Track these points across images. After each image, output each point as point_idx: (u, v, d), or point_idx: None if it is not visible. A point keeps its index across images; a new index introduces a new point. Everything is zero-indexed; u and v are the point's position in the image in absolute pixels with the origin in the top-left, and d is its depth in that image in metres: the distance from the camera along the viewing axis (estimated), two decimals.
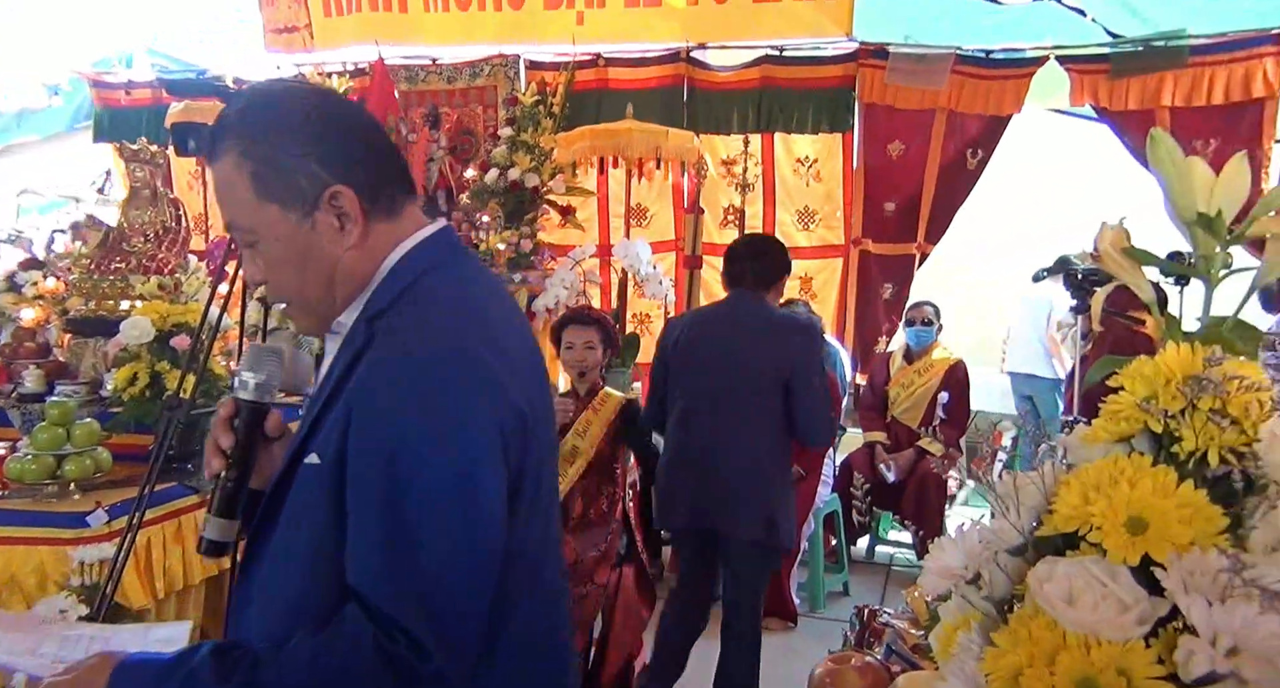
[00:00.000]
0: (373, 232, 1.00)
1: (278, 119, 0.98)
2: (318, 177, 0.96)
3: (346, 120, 1.01)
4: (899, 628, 1.00)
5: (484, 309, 1.03)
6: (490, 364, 0.95)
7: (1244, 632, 0.62)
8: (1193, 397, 0.70)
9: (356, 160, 0.98)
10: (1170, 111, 4.46)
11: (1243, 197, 0.75)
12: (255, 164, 0.96)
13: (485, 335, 0.98)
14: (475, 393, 0.93)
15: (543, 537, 1.06)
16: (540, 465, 1.02)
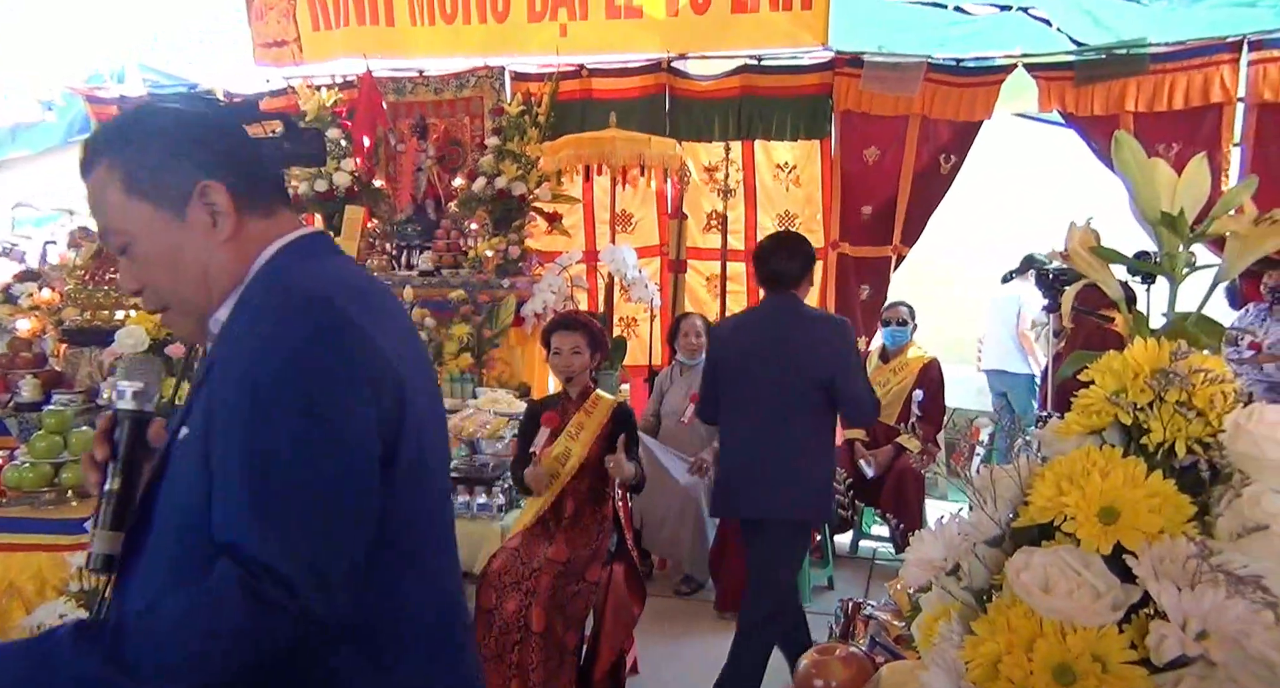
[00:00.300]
0: (246, 228, 1.01)
1: (147, 125, 1.00)
2: (188, 172, 0.97)
3: (218, 125, 1.03)
4: (882, 620, 1.02)
5: (353, 282, 1.03)
6: (355, 317, 0.95)
7: (1213, 616, 0.65)
8: (1160, 390, 0.73)
9: (227, 158, 1.00)
10: (1134, 116, 4.58)
11: (1204, 196, 0.78)
12: (126, 166, 0.97)
13: (353, 297, 0.97)
14: (338, 340, 0.92)
15: (427, 519, 1.05)
16: (419, 435, 1.00)
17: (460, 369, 4.62)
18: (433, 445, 1.06)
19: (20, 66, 6.12)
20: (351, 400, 0.92)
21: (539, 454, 3.02)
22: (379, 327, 0.97)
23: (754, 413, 2.90)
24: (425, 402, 1.04)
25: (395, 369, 0.96)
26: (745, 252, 5.49)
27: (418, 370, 1.04)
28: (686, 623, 3.82)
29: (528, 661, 2.71)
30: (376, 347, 0.95)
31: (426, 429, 1.03)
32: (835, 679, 0.87)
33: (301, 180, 5.38)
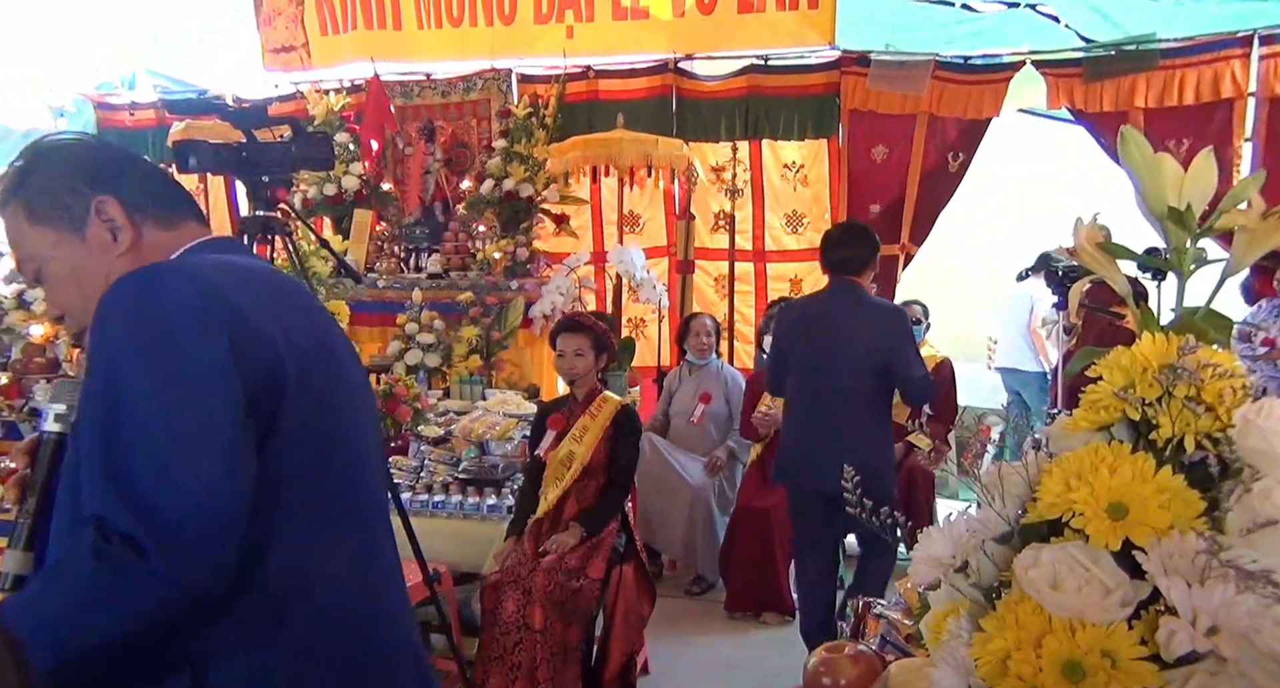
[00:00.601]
0: (146, 240, 1.03)
1: (46, 158, 1.05)
2: (83, 192, 1.01)
3: (114, 150, 1.09)
4: (892, 619, 1.01)
5: (246, 268, 1.03)
6: (210, 277, 0.95)
7: (1222, 611, 0.64)
8: (1168, 385, 0.73)
9: (122, 175, 1.04)
10: (1143, 113, 4.56)
11: (1210, 190, 0.78)
12: (28, 196, 1.02)
13: (236, 276, 0.98)
14: (191, 303, 0.92)
15: (340, 502, 1.02)
16: (322, 415, 0.99)
17: (469, 371, 4.63)
18: (350, 432, 1.05)
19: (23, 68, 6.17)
20: (199, 352, 0.90)
21: (545, 456, 3.03)
22: (264, 305, 0.97)
23: (813, 392, 3.11)
24: (336, 389, 1.04)
25: (271, 342, 0.94)
26: (753, 252, 5.48)
27: (323, 359, 1.03)
28: (696, 623, 3.82)
29: (530, 660, 2.71)
30: (241, 315, 0.93)
31: (336, 413, 1.02)
32: (844, 677, 0.86)
33: (310, 184, 5.41)
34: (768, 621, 3.81)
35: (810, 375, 3.11)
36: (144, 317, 0.90)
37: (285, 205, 2.15)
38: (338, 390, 1.05)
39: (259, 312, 0.95)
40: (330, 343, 1.08)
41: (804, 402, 3.13)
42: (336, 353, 1.09)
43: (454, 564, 3.09)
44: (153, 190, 1.06)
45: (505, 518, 3.18)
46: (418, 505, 3.21)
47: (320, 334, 1.06)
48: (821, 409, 3.06)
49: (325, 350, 1.05)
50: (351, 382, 1.10)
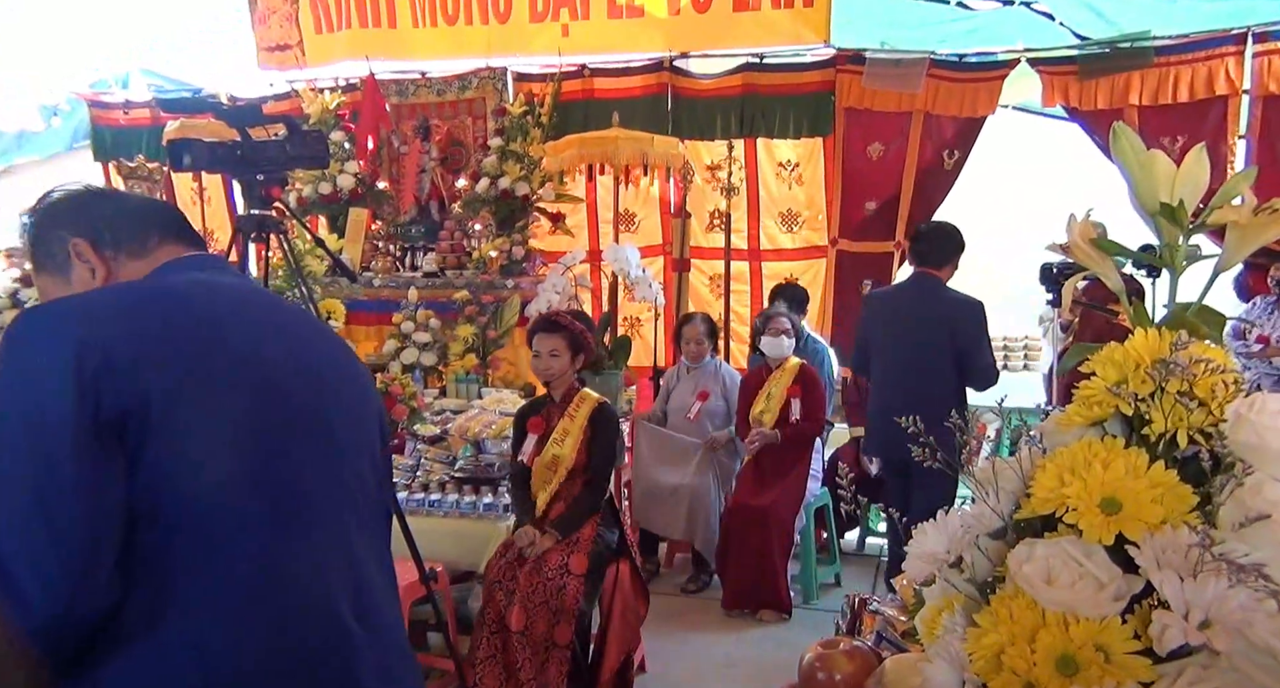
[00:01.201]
0: (122, 272, 1.12)
1: (43, 213, 1.16)
2: (63, 239, 1.12)
3: (93, 195, 1.18)
4: (888, 615, 1.02)
5: (178, 287, 1.08)
6: (71, 309, 0.99)
7: (1215, 605, 0.65)
8: (1161, 380, 0.73)
9: (92, 217, 1.13)
10: (1138, 110, 4.57)
11: (1203, 186, 0.78)
12: (33, 250, 1.16)
13: (121, 296, 1.04)
14: (44, 336, 0.96)
15: (244, 528, 0.99)
16: (231, 442, 0.98)
17: (465, 370, 4.63)
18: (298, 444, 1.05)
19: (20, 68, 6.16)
20: (51, 398, 0.92)
21: (529, 462, 3.02)
22: (150, 331, 0.98)
23: (894, 372, 3.51)
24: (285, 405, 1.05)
25: (120, 353, 0.94)
26: (748, 251, 5.48)
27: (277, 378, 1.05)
28: (694, 621, 3.82)
29: (513, 660, 2.72)
30: (94, 337, 0.94)
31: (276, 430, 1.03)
32: (839, 672, 0.87)
33: (306, 183, 5.40)
34: (765, 618, 3.82)
35: (893, 359, 3.50)
36: (3, 360, 0.96)
37: (280, 204, 2.14)
38: (289, 406, 1.05)
39: (137, 341, 0.97)
40: (305, 360, 1.11)
41: (888, 383, 3.51)
42: (311, 370, 1.10)
43: (451, 563, 3.09)
44: (121, 225, 1.14)
45: (501, 516, 3.18)
46: (414, 504, 3.21)
47: (287, 354, 1.08)
48: (903, 389, 3.37)
49: (286, 369, 1.07)
50: (334, 398, 1.12)
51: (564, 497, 2.99)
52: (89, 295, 1.07)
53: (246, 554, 0.98)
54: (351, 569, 1.08)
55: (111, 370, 0.93)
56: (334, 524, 1.07)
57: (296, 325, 1.17)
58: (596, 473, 3.00)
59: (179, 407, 0.95)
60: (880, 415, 3.52)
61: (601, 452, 3.00)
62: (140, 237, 1.14)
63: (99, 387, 0.92)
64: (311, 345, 1.15)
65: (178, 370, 0.97)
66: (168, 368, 0.97)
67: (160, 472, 0.94)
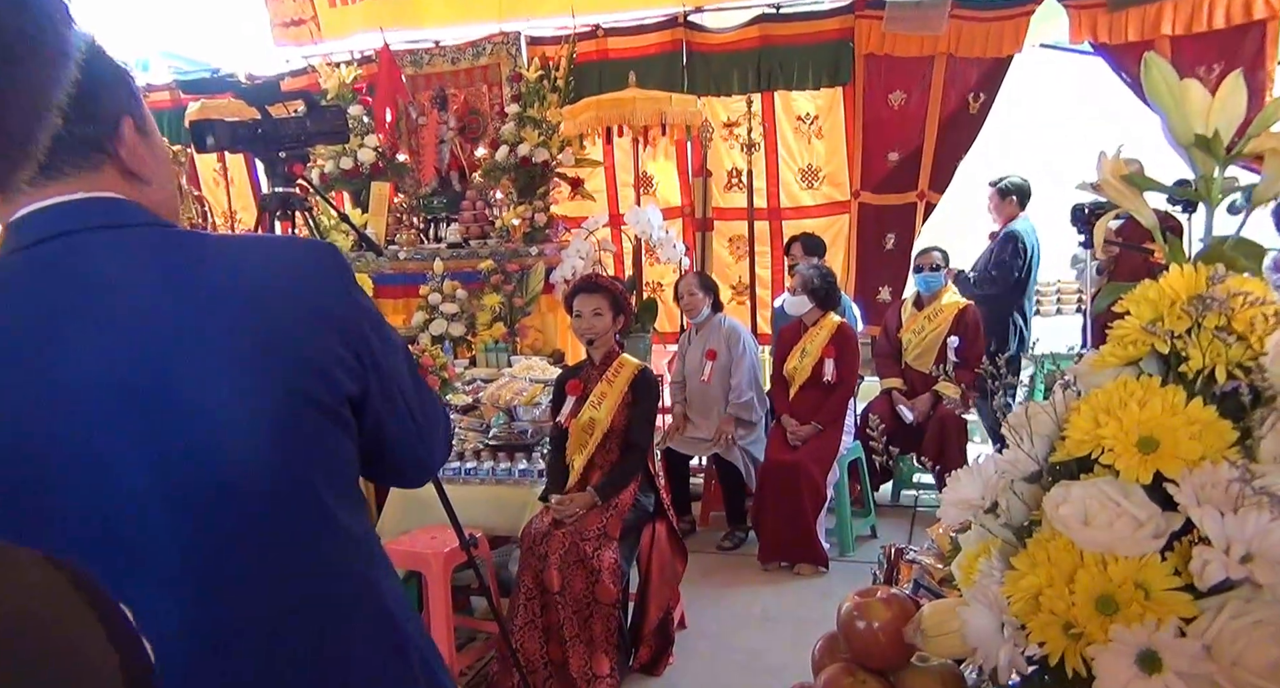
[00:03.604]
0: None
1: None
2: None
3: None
4: (925, 564, 1.02)
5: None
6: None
7: (1257, 538, 0.64)
8: (1198, 316, 0.71)
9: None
10: (1170, 41, 4.40)
11: (1240, 115, 0.76)
12: None
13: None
14: None
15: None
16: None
17: (494, 339, 4.67)
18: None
19: None
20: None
21: (566, 423, 3.06)
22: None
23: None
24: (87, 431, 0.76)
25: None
26: (768, 209, 5.42)
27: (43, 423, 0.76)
28: (731, 576, 3.87)
29: (554, 620, 2.77)
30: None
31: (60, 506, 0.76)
32: (878, 620, 0.87)
33: (327, 159, 5.42)
34: (802, 572, 3.86)
35: None
36: None
37: (304, 181, 2.15)
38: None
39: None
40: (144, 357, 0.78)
41: None
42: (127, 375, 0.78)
43: (489, 529, 3.15)
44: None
45: (536, 482, 3.22)
46: (450, 472, 3.26)
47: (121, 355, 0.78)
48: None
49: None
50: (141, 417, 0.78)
51: (600, 461, 3.02)
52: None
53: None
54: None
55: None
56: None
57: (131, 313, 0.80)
58: (637, 440, 3.03)
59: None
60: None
61: (642, 418, 3.03)
62: (5, 170, 0.72)
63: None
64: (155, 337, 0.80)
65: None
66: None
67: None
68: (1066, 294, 6.45)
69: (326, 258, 0.90)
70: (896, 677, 0.87)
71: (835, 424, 4.04)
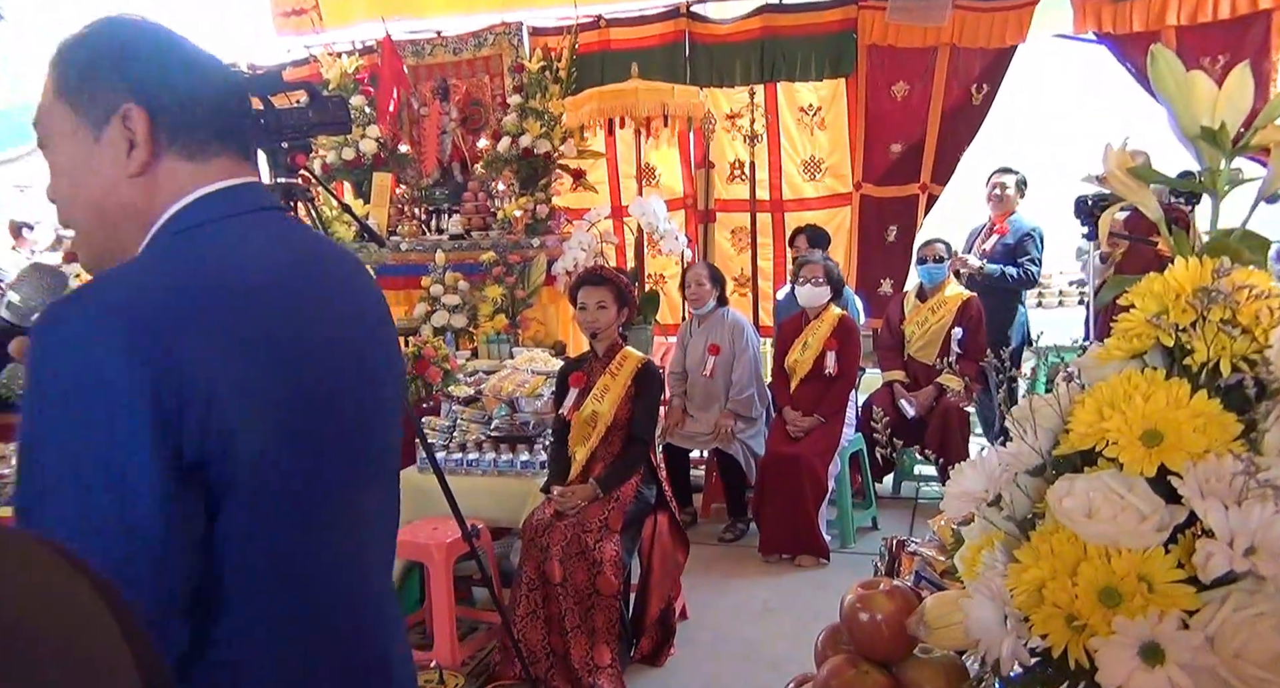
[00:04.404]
0: (163, 167, 0.89)
1: (103, 34, 0.91)
2: (116, 89, 0.87)
3: (180, 54, 0.92)
4: (927, 556, 1.02)
5: (233, 268, 0.87)
6: (132, 313, 0.78)
7: (1260, 531, 0.64)
8: (1203, 309, 0.71)
9: (161, 83, 0.89)
10: (1176, 31, 4.38)
11: (1246, 107, 0.75)
12: (64, 64, 0.89)
13: (191, 292, 0.82)
14: (115, 351, 0.76)
15: (305, 549, 0.88)
16: (273, 460, 0.84)
17: (495, 330, 4.67)
18: (349, 443, 0.94)
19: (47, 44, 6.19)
20: (123, 423, 0.76)
21: (569, 415, 3.06)
22: (216, 334, 0.81)
23: None
24: (342, 394, 0.92)
25: (204, 386, 0.78)
26: (771, 201, 5.41)
27: (329, 365, 0.91)
28: (732, 568, 3.88)
29: (556, 610, 2.78)
30: (174, 360, 0.78)
31: (312, 467, 0.89)
32: (881, 611, 0.88)
33: (329, 149, 5.41)
34: (803, 563, 3.87)
35: None
36: (60, 368, 0.77)
37: (306, 171, 2.15)
38: (347, 396, 0.93)
39: (212, 360, 0.80)
40: (360, 337, 0.97)
41: None
42: (364, 349, 0.97)
43: (491, 520, 3.15)
44: (191, 111, 0.90)
45: (538, 473, 3.23)
46: (452, 464, 3.27)
47: (337, 330, 0.94)
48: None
49: (346, 360, 0.94)
50: (373, 377, 0.98)
51: (602, 454, 3.03)
52: (141, 284, 0.81)
53: (293, 561, 0.89)
54: (371, 554, 1.02)
55: (192, 403, 0.77)
56: (358, 516, 0.98)
57: (340, 292, 0.98)
58: (640, 433, 3.03)
59: (252, 429, 0.82)
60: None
61: (645, 411, 3.03)
62: (203, 137, 0.90)
63: (181, 425, 0.77)
64: (352, 316, 0.98)
65: (250, 391, 0.82)
66: (244, 390, 0.82)
67: (231, 502, 0.82)
68: (1069, 287, 6.45)
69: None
70: (899, 668, 0.88)
71: (836, 416, 4.04)
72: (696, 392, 4.31)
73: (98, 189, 0.89)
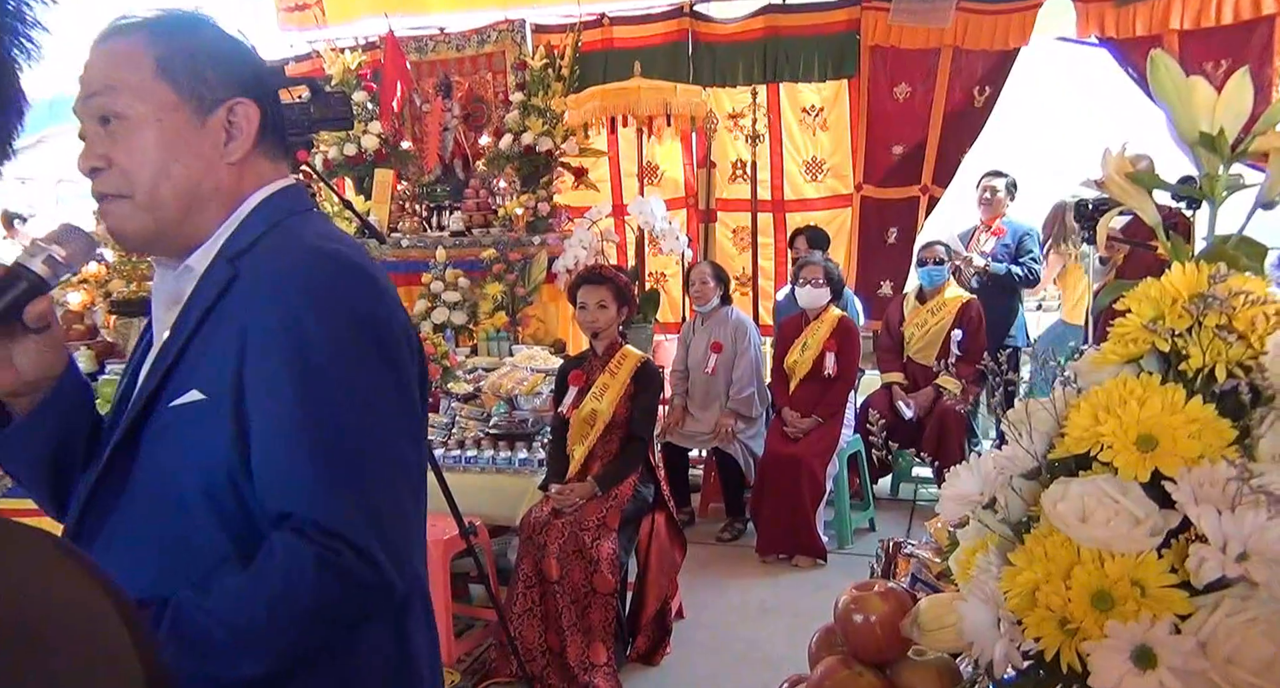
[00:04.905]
0: (254, 160, 0.97)
1: (199, 25, 0.96)
2: (226, 83, 0.94)
3: (260, 60, 1.03)
4: (923, 558, 1.02)
5: (354, 245, 1.02)
6: (375, 272, 0.95)
7: (1253, 537, 0.64)
8: (1199, 314, 0.71)
9: (263, 86, 0.98)
10: (1178, 35, 4.38)
11: (1246, 113, 0.75)
12: (168, 49, 0.92)
13: (363, 256, 0.98)
14: (370, 297, 0.92)
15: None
16: (419, 407, 1.02)
17: (495, 327, 4.67)
18: (421, 436, 1.07)
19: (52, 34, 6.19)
20: (402, 365, 0.93)
21: (567, 414, 3.06)
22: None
23: None
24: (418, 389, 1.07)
25: (411, 332, 0.99)
26: (772, 202, 5.41)
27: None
28: (728, 568, 3.88)
29: (552, 608, 2.78)
30: (400, 309, 0.97)
31: (421, 419, 1.05)
32: (874, 613, 0.88)
33: (331, 145, 5.41)
34: (800, 564, 3.87)
35: None
36: (332, 313, 0.88)
37: (307, 166, 2.15)
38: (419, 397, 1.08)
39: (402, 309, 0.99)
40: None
41: None
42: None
43: (488, 517, 3.16)
44: (280, 118, 1.01)
45: (536, 471, 3.23)
46: (450, 461, 3.27)
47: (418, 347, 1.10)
48: None
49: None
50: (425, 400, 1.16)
51: (600, 453, 3.03)
52: (357, 253, 0.97)
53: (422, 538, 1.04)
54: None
55: (414, 348, 0.97)
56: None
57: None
58: (639, 431, 3.03)
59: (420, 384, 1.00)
60: None
61: (644, 410, 3.04)
62: (280, 139, 1.01)
63: (409, 357, 0.96)
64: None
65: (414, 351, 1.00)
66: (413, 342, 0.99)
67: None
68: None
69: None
70: (893, 670, 0.88)
71: (835, 417, 4.04)
72: (697, 390, 4.31)
73: (198, 169, 0.94)
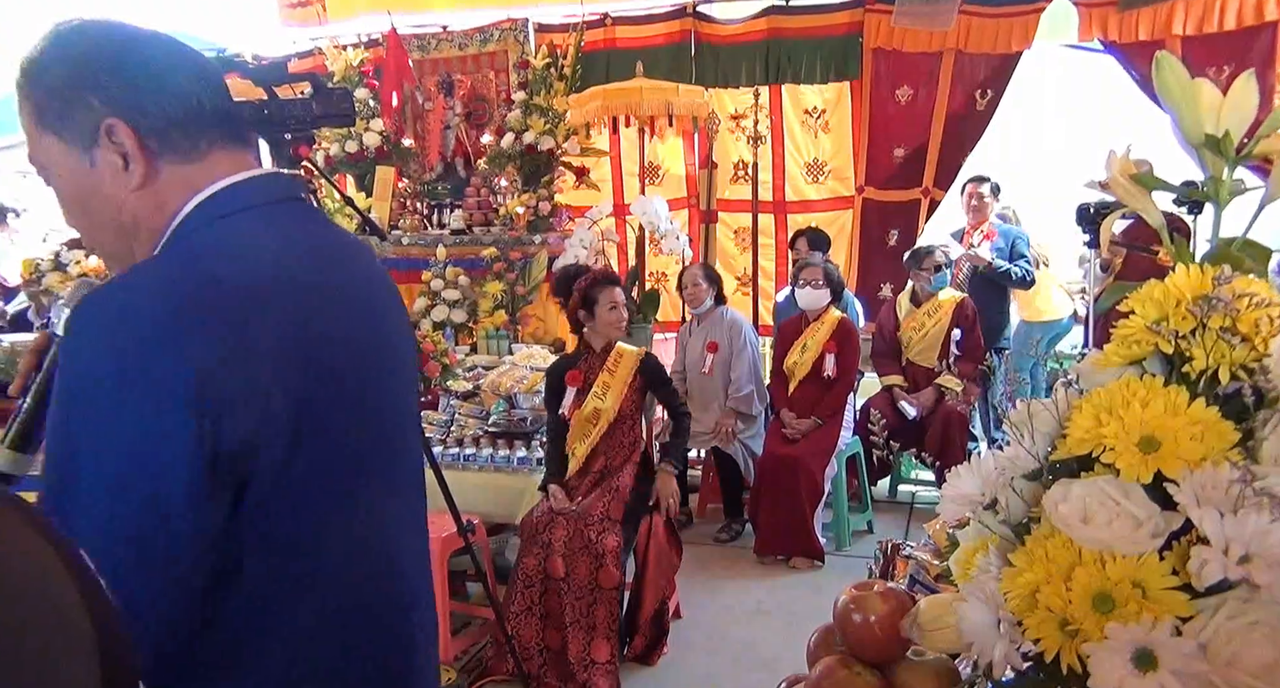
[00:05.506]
0: (163, 175, 0.87)
1: (63, 52, 0.87)
2: (93, 109, 0.85)
3: (142, 54, 0.88)
4: (921, 559, 1.02)
5: (261, 251, 0.87)
6: (172, 314, 0.77)
7: (1256, 539, 0.64)
8: (1203, 316, 0.71)
9: (144, 95, 0.86)
10: (1181, 40, 4.38)
11: (1250, 115, 0.75)
12: (37, 93, 0.87)
13: (229, 274, 0.82)
14: (151, 352, 0.76)
15: (335, 531, 0.89)
16: (327, 442, 0.86)
17: (495, 326, 4.67)
18: (382, 425, 0.96)
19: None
20: (166, 413, 0.75)
21: (569, 415, 3.06)
22: (260, 331, 0.81)
23: None
24: (372, 387, 0.94)
25: (257, 372, 0.80)
26: (773, 203, 5.41)
27: (359, 359, 0.93)
28: (726, 568, 3.88)
29: (554, 606, 2.78)
30: (237, 342, 0.79)
31: (368, 416, 0.93)
32: (874, 613, 0.88)
33: (332, 142, 5.41)
34: (797, 565, 3.87)
35: None
36: (102, 351, 0.76)
37: (309, 163, 2.15)
38: (374, 387, 0.95)
39: (247, 355, 0.80)
40: (376, 325, 0.98)
41: None
42: (382, 336, 0.99)
43: (486, 515, 3.16)
44: (172, 113, 0.87)
45: (535, 469, 3.23)
46: (449, 458, 3.27)
47: (364, 323, 0.95)
48: None
49: (365, 346, 0.95)
50: (396, 367, 1.01)
51: (603, 449, 3.04)
52: (178, 287, 0.80)
53: (333, 554, 0.90)
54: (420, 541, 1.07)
55: (232, 400, 0.77)
56: (411, 491, 1.04)
57: (373, 283, 1.02)
58: (679, 407, 3.21)
59: (290, 424, 0.82)
60: None
61: (670, 392, 3.20)
62: (192, 134, 0.89)
63: (219, 419, 0.76)
64: (374, 310, 1.00)
65: (286, 382, 0.82)
66: (278, 383, 0.81)
67: (273, 498, 0.82)
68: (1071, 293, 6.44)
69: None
70: (891, 670, 0.88)
71: (834, 419, 4.04)
72: (695, 391, 4.31)
73: (110, 210, 0.88)
